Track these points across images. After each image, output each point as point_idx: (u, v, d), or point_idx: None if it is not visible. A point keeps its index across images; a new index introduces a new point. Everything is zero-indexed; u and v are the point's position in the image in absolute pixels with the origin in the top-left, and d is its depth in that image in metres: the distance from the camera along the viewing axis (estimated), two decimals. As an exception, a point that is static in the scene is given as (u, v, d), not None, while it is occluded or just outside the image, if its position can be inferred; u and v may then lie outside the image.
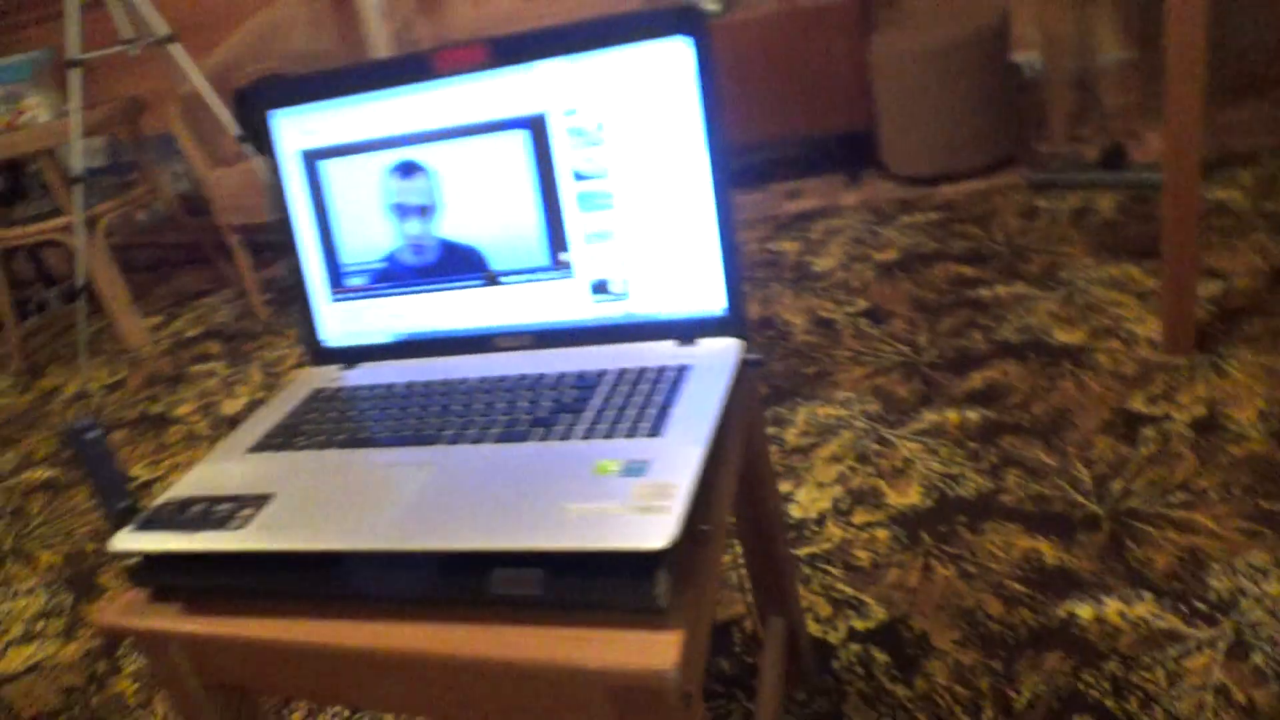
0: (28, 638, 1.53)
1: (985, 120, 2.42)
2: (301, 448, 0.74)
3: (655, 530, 0.54)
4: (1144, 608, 1.05)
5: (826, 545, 1.27)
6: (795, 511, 1.35)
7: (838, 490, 1.37)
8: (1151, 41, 2.65)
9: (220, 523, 0.65)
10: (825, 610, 1.16)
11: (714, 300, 0.75)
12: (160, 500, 0.70)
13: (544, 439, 0.67)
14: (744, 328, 0.75)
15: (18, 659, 1.48)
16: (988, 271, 1.95)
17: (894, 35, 2.43)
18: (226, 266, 3.24)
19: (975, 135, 2.44)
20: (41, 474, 2.14)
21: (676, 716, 0.54)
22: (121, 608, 0.69)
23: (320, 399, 0.82)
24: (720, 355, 0.73)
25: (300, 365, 2.37)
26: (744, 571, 1.03)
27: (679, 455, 0.61)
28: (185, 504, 0.69)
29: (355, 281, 0.86)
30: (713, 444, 0.63)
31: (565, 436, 0.67)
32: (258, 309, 2.80)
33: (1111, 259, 1.88)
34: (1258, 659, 0.95)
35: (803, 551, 1.27)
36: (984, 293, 1.87)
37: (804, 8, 2.53)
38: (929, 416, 1.50)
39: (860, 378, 1.66)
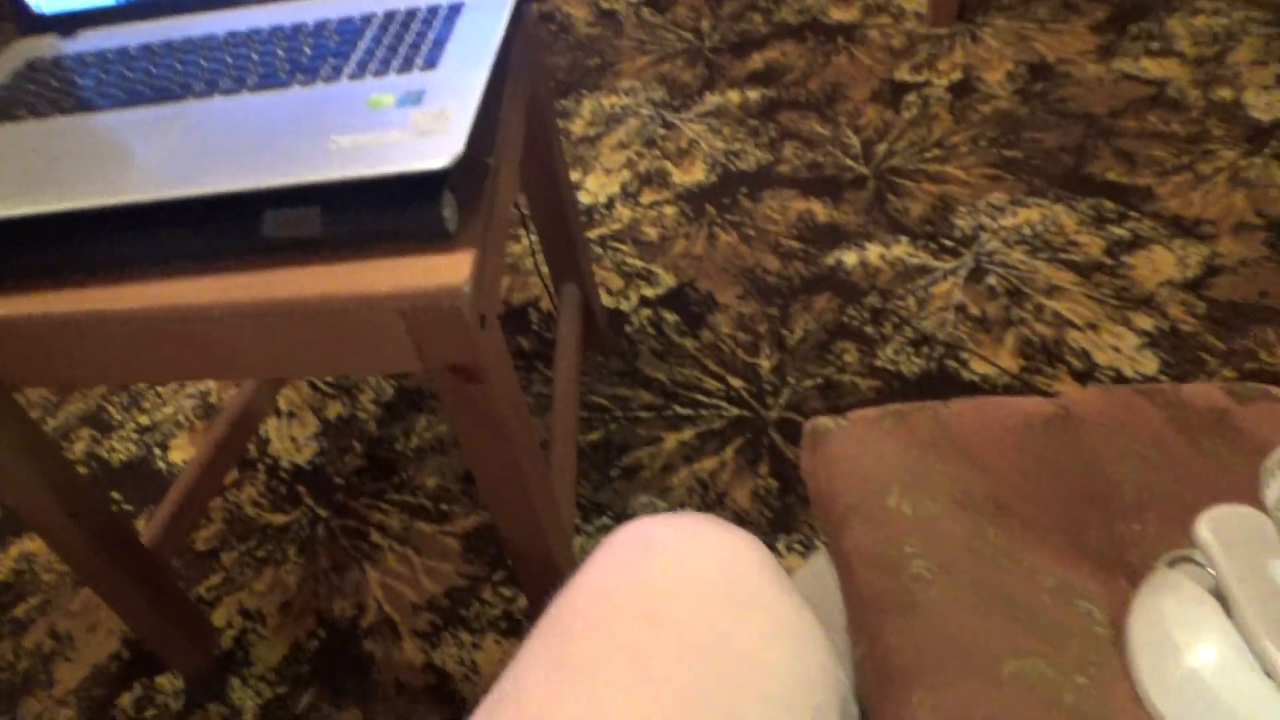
0: None
1: None
2: (22, 119, 0.65)
3: (435, 150, 0.53)
4: (900, 249, 1.16)
5: (616, 226, 1.30)
6: (584, 198, 1.36)
7: (626, 175, 1.39)
8: None
9: (-63, 199, 0.57)
10: (618, 284, 1.21)
11: (481, -68, 0.69)
12: None
13: (308, 84, 0.62)
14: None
15: None
16: (767, -47, 1.92)
17: None
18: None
19: None
20: None
21: (474, 338, 0.56)
22: None
23: (38, 69, 0.71)
24: (493, -9, 0.68)
25: None
26: (539, 257, 1.04)
27: (458, 82, 0.58)
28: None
29: (53, -73, 0.72)
30: (494, 76, 0.60)
31: (331, 79, 0.62)
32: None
33: (883, -64, 1.89)
34: (991, 280, 1.09)
35: (594, 234, 1.29)
36: (763, -25, 1.84)
37: None
38: (712, 99, 1.51)
39: (644, 66, 1.64)
